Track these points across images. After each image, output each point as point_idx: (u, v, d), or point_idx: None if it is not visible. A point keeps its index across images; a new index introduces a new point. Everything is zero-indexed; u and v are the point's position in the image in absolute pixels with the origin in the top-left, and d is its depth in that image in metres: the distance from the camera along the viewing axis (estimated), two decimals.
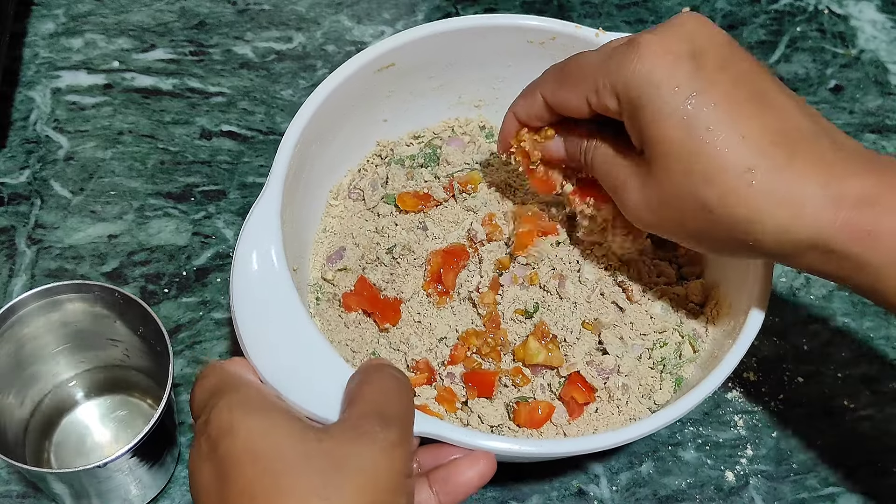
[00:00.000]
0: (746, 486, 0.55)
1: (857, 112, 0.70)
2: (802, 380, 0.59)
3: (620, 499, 0.54)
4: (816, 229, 0.38)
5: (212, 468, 0.36)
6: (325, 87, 0.51)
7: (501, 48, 0.55)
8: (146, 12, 0.71)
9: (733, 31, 0.74)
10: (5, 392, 0.50)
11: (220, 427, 0.36)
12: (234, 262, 0.44)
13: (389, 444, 0.36)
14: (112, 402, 0.55)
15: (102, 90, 0.67)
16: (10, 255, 0.60)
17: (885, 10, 0.75)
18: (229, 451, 0.36)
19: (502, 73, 0.57)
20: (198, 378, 0.41)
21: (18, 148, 0.64)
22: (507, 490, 0.54)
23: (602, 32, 0.54)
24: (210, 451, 0.36)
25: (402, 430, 0.38)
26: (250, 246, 0.45)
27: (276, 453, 0.35)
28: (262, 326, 0.43)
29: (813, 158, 0.38)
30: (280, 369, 0.42)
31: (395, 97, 0.56)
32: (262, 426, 0.36)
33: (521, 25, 0.54)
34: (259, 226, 0.45)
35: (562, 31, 0.54)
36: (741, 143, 0.38)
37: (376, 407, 0.38)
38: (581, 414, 0.49)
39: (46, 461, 0.53)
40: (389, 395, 0.39)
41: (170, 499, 0.53)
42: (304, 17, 0.72)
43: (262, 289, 0.44)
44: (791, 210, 0.38)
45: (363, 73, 0.52)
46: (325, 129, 0.52)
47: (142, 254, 0.60)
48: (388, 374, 0.40)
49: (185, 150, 0.65)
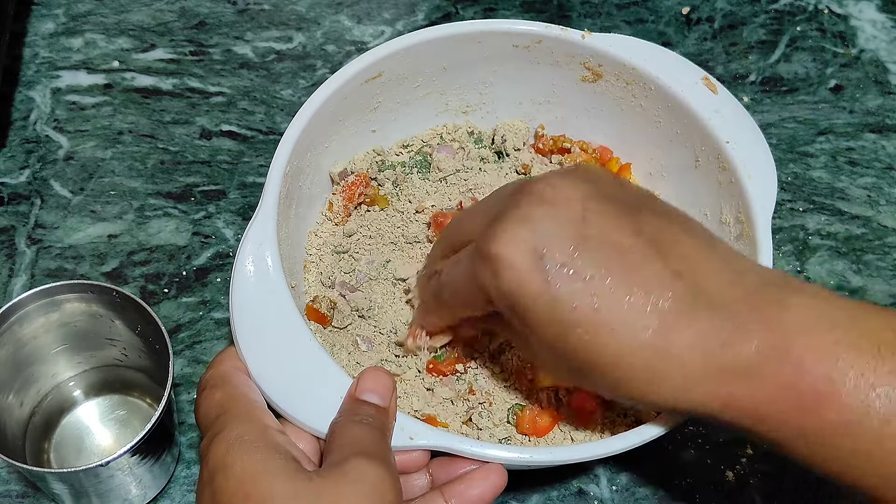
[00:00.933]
0: (746, 486, 0.55)
1: (857, 112, 0.70)
2: None
3: (620, 499, 0.54)
4: (703, 404, 0.38)
5: (210, 497, 0.38)
6: (314, 101, 0.51)
7: (487, 53, 0.55)
8: (146, 12, 0.71)
9: (733, 31, 0.74)
10: (5, 392, 0.50)
11: (216, 462, 0.38)
12: (234, 273, 0.45)
13: (379, 480, 0.37)
14: (112, 401, 0.55)
15: (102, 90, 0.67)
16: (10, 255, 0.60)
17: (885, 9, 0.75)
18: (222, 486, 0.37)
19: (489, 77, 0.57)
20: (204, 385, 0.42)
21: (18, 148, 0.64)
22: (507, 490, 0.54)
23: (588, 34, 0.54)
24: (209, 480, 0.38)
25: (388, 466, 0.38)
26: (248, 256, 0.45)
27: (267, 494, 0.36)
28: (259, 337, 0.43)
29: (689, 331, 0.37)
30: (277, 379, 0.42)
31: (383, 107, 0.56)
32: (255, 466, 0.37)
33: (507, 30, 0.54)
34: (257, 237, 0.46)
35: (547, 34, 0.54)
36: (613, 331, 0.37)
37: (357, 449, 0.39)
38: (592, 421, 0.48)
39: (46, 461, 0.53)
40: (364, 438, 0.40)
41: (170, 499, 0.53)
42: (304, 17, 0.72)
43: (260, 299, 0.44)
44: (681, 386, 0.37)
45: (351, 86, 0.52)
46: (317, 140, 0.52)
47: (142, 254, 0.60)
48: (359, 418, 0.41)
49: (185, 150, 0.65)
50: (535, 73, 0.57)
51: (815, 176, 0.67)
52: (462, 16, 0.72)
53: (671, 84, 0.53)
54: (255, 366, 0.43)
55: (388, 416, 0.42)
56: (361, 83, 0.53)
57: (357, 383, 0.42)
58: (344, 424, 0.41)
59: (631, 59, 0.53)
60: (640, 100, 0.55)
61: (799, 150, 0.68)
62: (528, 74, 0.57)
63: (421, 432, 0.42)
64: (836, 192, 0.66)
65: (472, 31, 0.54)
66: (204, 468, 0.38)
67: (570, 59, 0.55)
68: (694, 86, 0.53)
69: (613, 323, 0.37)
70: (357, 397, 0.42)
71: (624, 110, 0.56)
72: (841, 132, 0.69)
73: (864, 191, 0.67)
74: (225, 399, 0.41)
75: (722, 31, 0.74)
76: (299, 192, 0.52)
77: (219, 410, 0.40)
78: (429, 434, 0.42)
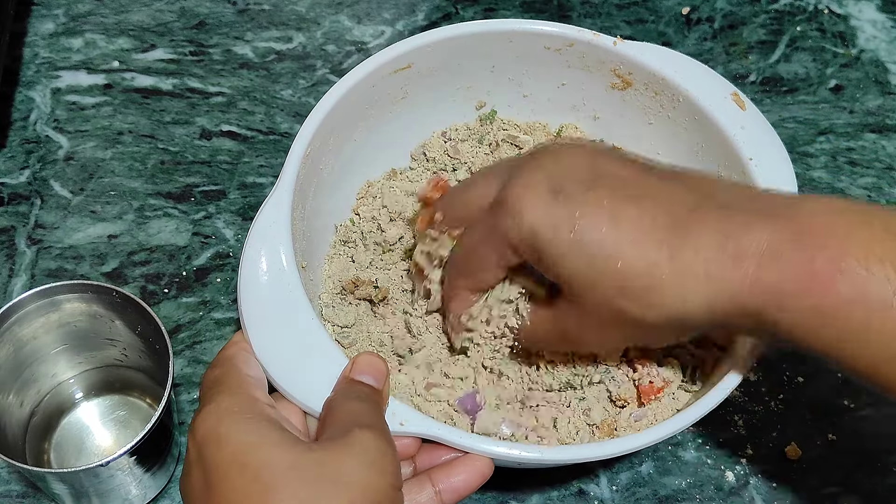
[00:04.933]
0: (746, 486, 0.55)
1: (857, 112, 0.70)
2: (802, 380, 0.59)
3: (620, 498, 0.54)
4: (731, 295, 0.38)
5: (200, 475, 0.36)
6: (343, 83, 0.51)
7: (517, 53, 0.55)
8: (146, 12, 0.71)
9: (733, 31, 0.74)
10: (5, 392, 0.50)
11: (206, 434, 0.37)
12: (243, 261, 0.45)
13: (381, 452, 0.37)
14: (112, 401, 0.55)
15: (102, 90, 0.67)
16: (10, 255, 0.60)
17: (885, 9, 0.75)
18: (216, 459, 0.36)
19: (518, 77, 0.57)
20: (210, 366, 0.42)
21: (18, 148, 0.64)
22: (507, 489, 0.54)
23: (620, 41, 0.53)
24: (197, 457, 0.37)
25: (389, 439, 0.38)
26: (259, 244, 0.45)
27: (265, 463, 0.35)
28: (268, 327, 0.43)
29: (706, 228, 0.38)
30: (286, 369, 0.42)
31: (410, 100, 0.56)
32: (249, 436, 0.36)
33: (538, 31, 0.54)
34: (269, 224, 0.45)
35: (579, 37, 0.54)
36: (635, 247, 0.39)
37: (358, 422, 0.38)
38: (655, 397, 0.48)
39: (46, 461, 0.53)
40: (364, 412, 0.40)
41: (170, 499, 0.53)
42: (304, 17, 0.72)
43: (269, 289, 0.44)
44: (702, 284, 0.38)
45: (381, 72, 0.52)
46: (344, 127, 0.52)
47: (142, 254, 0.60)
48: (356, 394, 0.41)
49: (185, 150, 0.65)
50: (565, 76, 0.56)
51: (816, 176, 0.67)
52: (462, 16, 0.72)
53: (700, 97, 0.52)
54: (257, 340, 0.43)
55: (382, 399, 0.42)
56: (391, 72, 0.53)
57: (352, 365, 0.42)
58: (341, 400, 0.41)
59: (661, 69, 0.53)
60: (668, 111, 0.54)
61: (799, 151, 0.68)
62: (558, 74, 0.57)
63: (412, 419, 0.42)
64: (836, 192, 0.66)
65: (504, 29, 0.54)
66: (191, 444, 0.37)
67: (600, 65, 0.55)
68: (723, 100, 0.52)
69: (632, 235, 0.39)
70: (352, 377, 0.42)
71: (651, 120, 0.56)
72: (841, 132, 0.69)
73: (865, 191, 0.67)
74: (220, 374, 0.41)
75: (722, 31, 0.74)
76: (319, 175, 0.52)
77: (212, 384, 0.40)
78: (419, 421, 0.42)
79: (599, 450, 0.43)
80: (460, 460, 0.42)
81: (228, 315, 0.59)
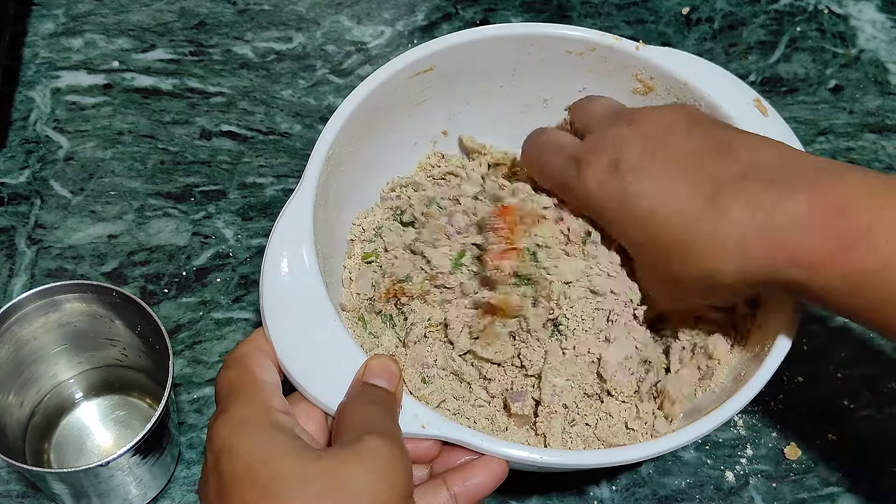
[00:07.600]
0: (746, 486, 0.55)
1: (856, 112, 0.70)
2: (802, 380, 0.59)
3: (620, 499, 0.54)
4: (763, 262, 0.41)
5: (215, 482, 0.37)
6: (366, 85, 0.51)
7: (539, 56, 0.55)
8: (146, 12, 0.71)
9: (733, 32, 0.74)
10: (5, 392, 0.50)
11: (221, 444, 0.37)
12: (266, 260, 0.45)
13: (391, 460, 0.37)
14: (111, 401, 0.55)
15: (102, 90, 0.67)
16: (10, 255, 0.60)
17: (885, 10, 0.75)
18: (228, 470, 0.36)
19: (539, 81, 0.57)
20: (224, 364, 0.42)
21: (18, 148, 0.64)
22: (507, 489, 0.54)
23: (642, 45, 0.53)
24: (213, 464, 0.38)
25: (400, 446, 0.38)
26: (281, 245, 0.45)
27: (273, 475, 0.36)
28: (290, 328, 0.43)
29: (744, 196, 0.41)
30: (307, 370, 0.43)
31: (429, 103, 0.56)
32: (260, 447, 0.37)
33: (560, 35, 0.54)
34: (293, 223, 0.46)
35: (601, 42, 0.54)
36: (677, 215, 0.42)
37: (369, 428, 0.39)
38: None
39: (46, 461, 0.53)
40: (376, 417, 0.40)
41: (170, 499, 0.53)
42: (304, 17, 0.72)
43: (291, 289, 0.44)
44: (737, 249, 0.41)
45: (404, 74, 0.52)
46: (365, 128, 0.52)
47: (142, 254, 0.60)
48: (369, 398, 0.41)
49: (185, 150, 0.65)
50: (587, 80, 0.56)
51: None
52: (462, 16, 0.72)
53: (721, 103, 0.52)
54: (279, 340, 0.43)
55: (395, 401, 0.42)
56: (413, 74, 0.53)
57: (365, 368, 0.42)
58: (354, 405, 0.41)
59: (683, 74, 0.53)
60: None
61: None
62: (579, 80, 0.56)
63: (433, 421, 0.42)
64: None
65: (526, 33, 0.54)
66: (208, 451, 0.38)
67: (622, 69, 0.55)
68: (745, 106, 0.52)
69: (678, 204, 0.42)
70: (365, 381, 0.42)
71: None
72: (841, 132, 0.69)
73: None
74: (235, 378, 0.41)
75: (722, 32, 0.74)
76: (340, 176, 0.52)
77: (228, 389, 0.40)
78: (441, 424, 0.42)
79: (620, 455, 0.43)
80: (475, 463, 0.42)
81: (228, 315, 0.59)
